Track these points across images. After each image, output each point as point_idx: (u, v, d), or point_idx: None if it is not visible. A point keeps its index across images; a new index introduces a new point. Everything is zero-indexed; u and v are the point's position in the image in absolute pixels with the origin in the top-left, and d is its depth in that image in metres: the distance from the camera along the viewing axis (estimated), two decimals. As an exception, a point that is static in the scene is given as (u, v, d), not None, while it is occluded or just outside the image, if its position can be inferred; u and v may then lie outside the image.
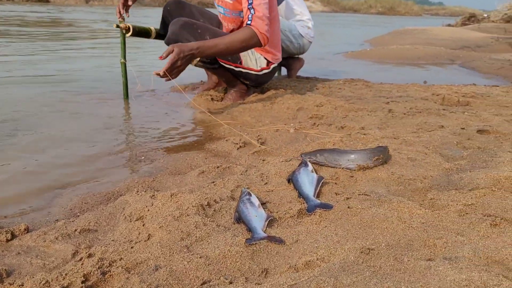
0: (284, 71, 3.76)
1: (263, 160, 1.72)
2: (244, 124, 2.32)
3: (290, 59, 3.57)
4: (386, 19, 21.90)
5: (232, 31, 2.64)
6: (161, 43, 3.06)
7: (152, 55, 4.70)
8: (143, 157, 1.84)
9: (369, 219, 1.13)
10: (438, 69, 5.02)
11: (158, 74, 2.13)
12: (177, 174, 1.63)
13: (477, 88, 3.36)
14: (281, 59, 2.76)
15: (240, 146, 1.91)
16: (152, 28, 2.82)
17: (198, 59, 2.33)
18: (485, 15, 11.44)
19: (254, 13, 2.27)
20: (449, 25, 11.89)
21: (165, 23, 2.78)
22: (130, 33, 2.70)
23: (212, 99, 2.72)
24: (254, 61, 2.62)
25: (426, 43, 7.00)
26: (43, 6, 16.58)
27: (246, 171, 1.58)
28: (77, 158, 1.83)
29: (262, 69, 2.64)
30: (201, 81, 3.45)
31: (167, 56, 2.12)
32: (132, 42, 2.68)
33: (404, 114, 2.40)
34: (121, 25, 2.67)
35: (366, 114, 2.38)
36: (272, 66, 2.69)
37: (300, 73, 3.79)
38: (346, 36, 9.34)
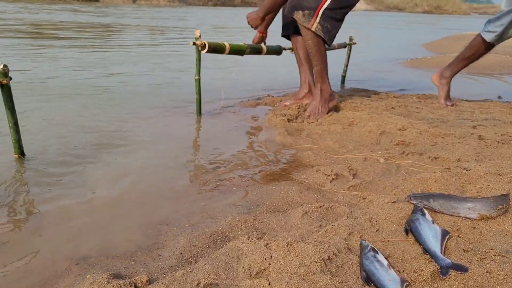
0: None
1: (363, 199, 1.63)
2: (327, 149, 2.24)
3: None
4: (433, 18, 21.15)
5: None
6: (231, 57, 3.03)
7: (219, 70, 4.70)
8: (234, 188, 1.79)
9: (519, 291, 1.02)
10: (510, 81, 4.75)
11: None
12: (276, 212, 1.57)
13: None
14: None
15: (333, 179, 1.83)
16: (226, 43, 2.79)
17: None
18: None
19: None
20: (506, 27, 11.29)
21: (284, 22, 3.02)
22: (206, 50, 2.68)
23: (288, 119, 2.65)
24: None
25: (488, 50, 6.63)
26: (91, 5, 17.09)
27: (351, 212, 1.50)
28: (165, 188, 1.80)
29: None
30: (268, 94, 3.40)
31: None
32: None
33: (498, 142, 2.24)
34: (197, 42, 2.66)
35: (456, 142, 2.24)
36: None
37: (366, 85, 3.64)
38: (397, 40, 9.04)
